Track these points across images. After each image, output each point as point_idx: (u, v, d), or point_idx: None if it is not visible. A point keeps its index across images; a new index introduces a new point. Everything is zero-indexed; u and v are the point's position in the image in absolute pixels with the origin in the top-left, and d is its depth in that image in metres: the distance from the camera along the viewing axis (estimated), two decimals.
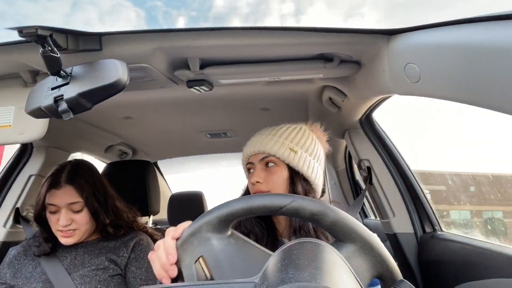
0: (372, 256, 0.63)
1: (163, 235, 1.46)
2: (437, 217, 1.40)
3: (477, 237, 1.17)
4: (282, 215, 0.69)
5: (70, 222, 1.19)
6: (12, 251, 1.30)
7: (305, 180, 1.03)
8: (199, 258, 0.67)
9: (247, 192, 1.10)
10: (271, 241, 1.00)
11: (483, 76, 0.62)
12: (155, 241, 1.39)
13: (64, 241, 1.20)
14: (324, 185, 1.12)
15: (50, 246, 1.24)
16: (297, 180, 1.02)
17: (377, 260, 0.62)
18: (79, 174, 1.23)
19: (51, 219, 1.20)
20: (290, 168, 1.02)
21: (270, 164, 1.02)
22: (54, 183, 1.18)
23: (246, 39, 0.92)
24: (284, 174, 1.01)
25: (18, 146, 1.69)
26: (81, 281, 1.19)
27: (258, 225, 1.02)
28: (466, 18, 0.66)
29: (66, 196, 1.18)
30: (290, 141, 1.03)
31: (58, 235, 1.21)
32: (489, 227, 2.19)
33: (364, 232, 0.62)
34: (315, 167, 1.05)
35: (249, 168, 1.07)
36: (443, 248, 1.24)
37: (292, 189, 1.01)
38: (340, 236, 0.64)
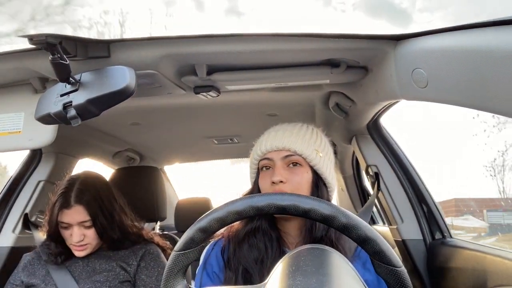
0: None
1: (170, 242, 1.48)
2: (446, 223, 1.39)
3: None
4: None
5: (83, 237, 1.22)
6: (26, 257, 1.33)
7: (325, 185, 0.98)
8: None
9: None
10: (278, 254, 0.92)
11: (491, 81, 0.62)
12: (163, 250, 1.41)
13: (77, 254, 1.24)
14: None
15: (63, 258, 1.27)
16: (321, 184, 0.97)
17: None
18: (87, 191, 1.24)
19: (65, 234, 1.23)
20: (313, 171, 0.96)
21: (295, 164, 0.95)
22: (64, 203, 1.21)
23: (253, 45, 0.92)
24: (308, 176, 0.95)
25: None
26: (92, 286, 1.21)
27: (267, 236, 0.94)
28: (473, 23, 0.65)
29: (76, 215, 1.21)
30: (314, 142, 0.97)
31: (72, 248, 1.24)
32: None
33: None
34: (333, 173, 1.01)
35: (265, 165, 0.97)
36: (453, 255, 1.22)
37: (317, 194, 0.95)
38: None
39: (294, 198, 0.64)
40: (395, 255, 0.61)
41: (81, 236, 1.21)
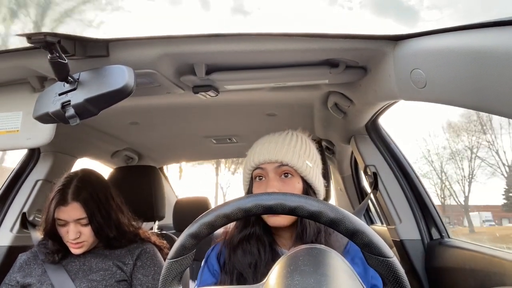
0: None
1: (168, 242, 1.48)
2: (444, 224, 1.39)
3: None
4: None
5: (79, 235, 1.22)
6: (22, 257, 1.33)
7: (314, 193, 1.03)
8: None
9: None
10: (271, 258, 0.96)
11: (489, 82, 0.62)
12: (160, 249, 1.41)
13: (74, 251, 1.24)
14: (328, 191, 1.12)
15: (60, 256, 1.27)
16: (310, 192, 1.01)
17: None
18: (85, 188, 1.24)
19: (61, 231, 1.23)
20: (303, 180, 1.00)
21: (287, 175, 0.99)
22: (61, 200, 1.20)
23: (252, 45, 0.92)
24: (299, 186, 1.00)
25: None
26: (88, 285, 1.21)
27: (260, 242, 0.99)
28: (472, 24, 0.66)
29: (73, 212, 1.20)
30: (304, 153, 1.01)
31: (69, 245, 1.24)
32: None
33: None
34: (321, 179, 1.06)
35: (258, 175, 1.02)
36: (451, 255, 1.23)
37: None
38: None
39: (280, 197, 0.64)
40: (385, 245, 0.61)
41: (77, 234, 1.21)
